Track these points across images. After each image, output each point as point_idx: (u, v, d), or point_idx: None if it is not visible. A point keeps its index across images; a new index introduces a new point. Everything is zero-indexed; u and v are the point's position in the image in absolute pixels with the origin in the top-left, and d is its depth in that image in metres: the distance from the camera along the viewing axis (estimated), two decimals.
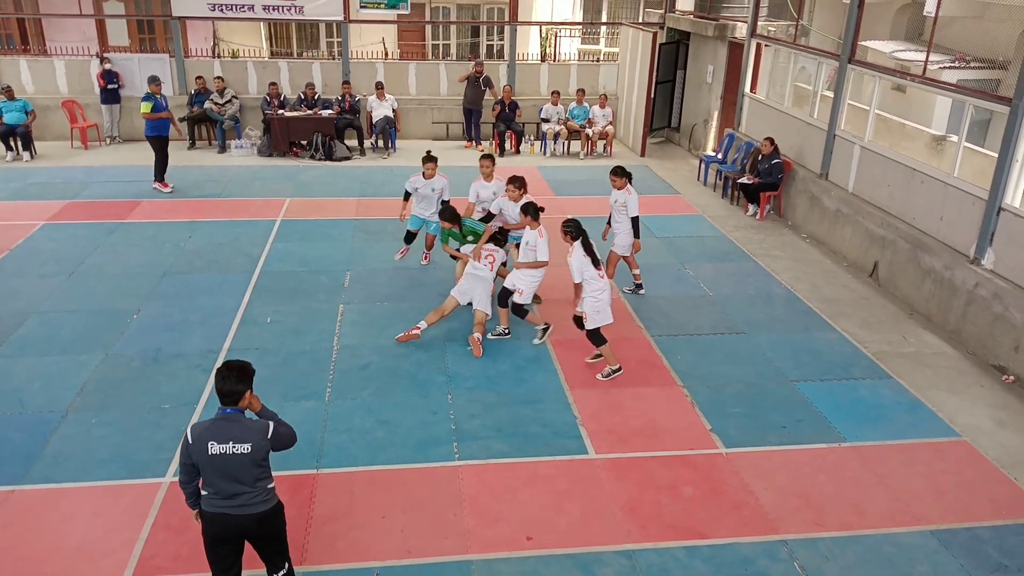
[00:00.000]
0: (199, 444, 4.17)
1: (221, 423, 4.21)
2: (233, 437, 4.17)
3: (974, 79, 12.09)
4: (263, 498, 4.32)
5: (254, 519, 4.31)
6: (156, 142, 12.80)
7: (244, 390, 4.26)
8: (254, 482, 4.26)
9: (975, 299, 8.42)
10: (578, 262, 7.36)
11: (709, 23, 15.45)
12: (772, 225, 12.33)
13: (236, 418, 4.25)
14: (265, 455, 4.27)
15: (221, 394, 4.23)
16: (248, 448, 4.18)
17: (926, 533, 5.69)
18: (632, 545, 5.48)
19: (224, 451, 4.15)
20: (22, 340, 8.03)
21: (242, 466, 4.18)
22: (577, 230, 7.40)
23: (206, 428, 4.21)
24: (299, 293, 9.30)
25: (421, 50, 22.73)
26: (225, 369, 4.26)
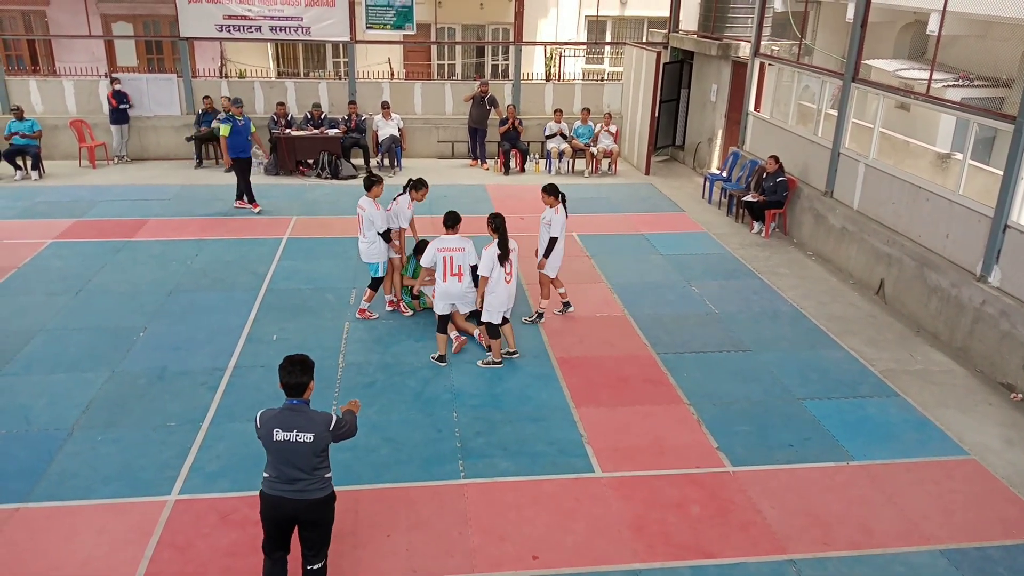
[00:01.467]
0: (265, 429, 4.47)
1: (288, 413, 4.48)
2: (298, 426, 4.44)
3: (978, 97, 12.13)
4: (320, 486, 4.57)
5: (308, 505, 4.55)
6: (236, 164, 12.88)
7: (308, 381, 4.54)
8: (312, 470, 4.51)
9: (982, 317, 8.40)
10: (491, 258, 7.69)
11: (713, 43, 15.53)
12: (777, 243, 12.33)
13: (301, 409, 4.51)
14: (326, 446, 4.54)
15: (287, 387, 4.50)
16: (311, 438, 4.44)
17: (935, 553, 5.64)
18: (639, 564, 5.44)
19: (288, 439, 4.43)
20: (29, 358, 8.05)
21: (304, 454, 4.45)
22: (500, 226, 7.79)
23: (274, 416, 4.49)
24: (305, 311, 9.31)
25: (427, 70, 22.87)
26: (288, 364, 4.51)
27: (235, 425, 6.93)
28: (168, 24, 18.46)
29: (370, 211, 8.69)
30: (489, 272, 7.74)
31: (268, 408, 4.60)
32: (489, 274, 7.74)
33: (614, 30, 24.16)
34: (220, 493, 6.04)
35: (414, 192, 9.03)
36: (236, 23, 16.06)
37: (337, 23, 16.36)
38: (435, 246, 7.91)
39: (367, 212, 8.72)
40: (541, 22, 23.19)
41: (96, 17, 19.37)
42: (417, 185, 9.05)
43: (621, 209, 13.84)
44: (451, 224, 7.96)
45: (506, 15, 21.55)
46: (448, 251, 7.85)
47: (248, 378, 7.76)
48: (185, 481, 6.18)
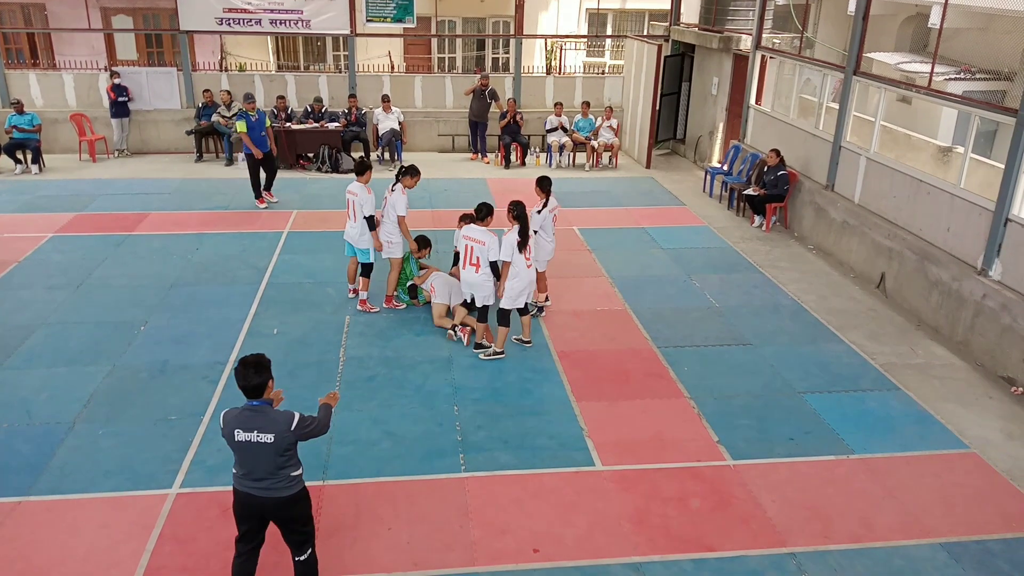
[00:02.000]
0: (228, 430, 4.46)
1: (248, 413, 4.45)
2: (258, 427, 4.40)
3: (980, 90, 12.10)
4: (286, 484, 4.55)
5: (276, 503, 4.56)
6: (251, 159, 12.85)
7: (264, 381, 4.45)
8: (277, 470, 4.49)
9: (983, 310, 8.39)
10: (511, 244, 7.77)
11: (714, 36, 15.50)
12: (778, 236, 12.32)
13: (262, 409, 4.46)
14: (289, 446, 4.48)
15: (244, 390, 4.45)
16: (271, 438, 4.40)
17: (936, 546, 5.65)
18: (639, 558, 5.45)
19: (249, 439, 4.41)
20: (30, 352, 8.05)
21: (266, 455, 4.43)
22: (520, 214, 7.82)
23: (235, 416, 4.47)
24: (306, 304, 9.31)
25: (427, 63, 22.82)
26: (241, 367, 4.43)
27: None
28: (168, 17, 18.42)
29: (361, 196, 8.78)
30: (511, 257, 7.81)
31: (232, 407, 4.56)
32: (511, 259, 7.81)
33: (615, 23, 24.10)
34: (221, 486, 6.04)
35: (408, 179, 8.93)
36: (236, 16, 16.02)
37: (337, 16, 16.33)
38: (462, 232, 8.13)
39: (358, 197, 8.80)
40: (542, 15, 23.13)
41: (96, 10, 19.31)
42: (410, 171, 8.95)
43: (622, 203, 13.83)
44: (483, 216, 8.02)
45: (506, 8, 21.50)
46: (471, 240, 7.97)
47: None
48: (186, 474, 6.19)
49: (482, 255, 7.92)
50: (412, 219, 11.28)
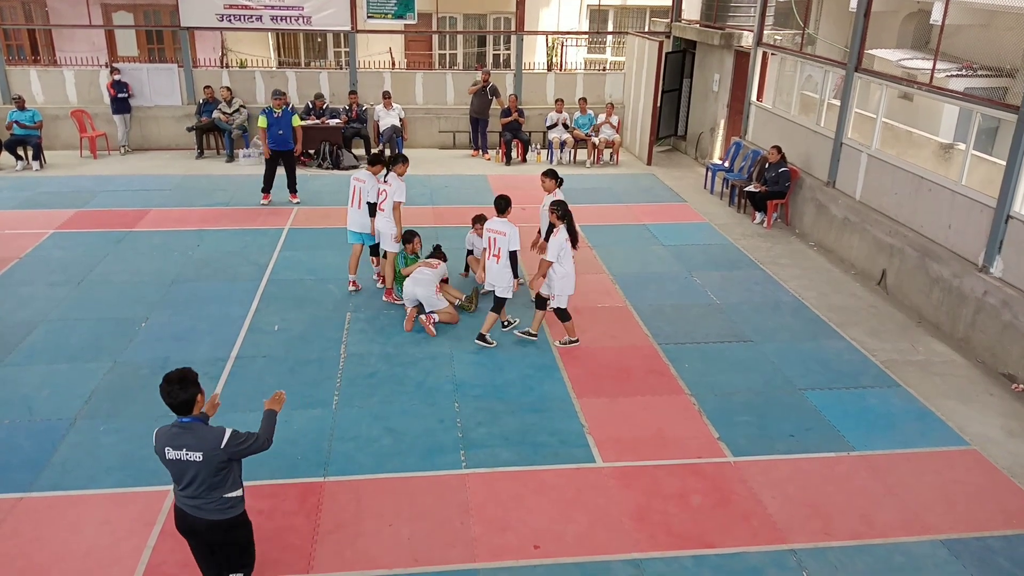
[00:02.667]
0: (158, 447, 4.28)
1: (177, 431, 4.25)
2: (187, 445, 4.20)
3: (981, 87, 12.07)
4: (219, 507, 4.34)
5: (208, 525, 4.36)
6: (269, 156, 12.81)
7: (192, 397, 4.24)
8: (209, 490, 4.28)
9: (984, 307, 8.39)
10: (559, 244, 7.86)
11: (715, 32, 15.47)
12: (779, 233, 12.31)
13: (191, 426, 4.26)
14: (221, 465, 4.25)
15: (173, 408, 4.25)
16: (200, 457, 4.20)
17: (936, 543, 5.65)
18: (640, 554, 5.46)
19: (178, 457, 4.22)
20: (31, 348, 8.06)
21: (196, 473, 4.23)
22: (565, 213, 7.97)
23: (165, 433, 4.28)
24: (306, 301, 9.32)
25: (428, 60, 22.80)
26: (166, 383, 4.23)
27: (237, 415, 6.93)
28: (169, 13, 18.40)
29: (369, 184, 9.17)
30: (556, 258, 7.86)
31: (164, 424, 4.36)
32: (556, 259, 7.86)
33: (616, 19, 24.08)
34: None
35: (400, 167, 9.12)
36: (237, 12, 15.99)
37: (338, 12, 16.30)
38: (486, 225, 8.44)
39: (365, 184, 9.19)
40: (543, 11, 23.11)
41: (96, 7, 19.29)
42: (398, 159, 9.18)
43: (623, 199, 13.82)
44: (502, 208, 8.31)
45: (507, 4, 21.46)
46: (494, 232, 8.22)
47: (250, 368, 7.77)
48: None
49: (503, 246, 8.15)
50: (414, 216, 11.30)
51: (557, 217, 7.98)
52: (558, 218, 7.97)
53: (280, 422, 6.76)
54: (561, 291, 8.08)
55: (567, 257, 8.00)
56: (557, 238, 7.89)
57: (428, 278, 8.66)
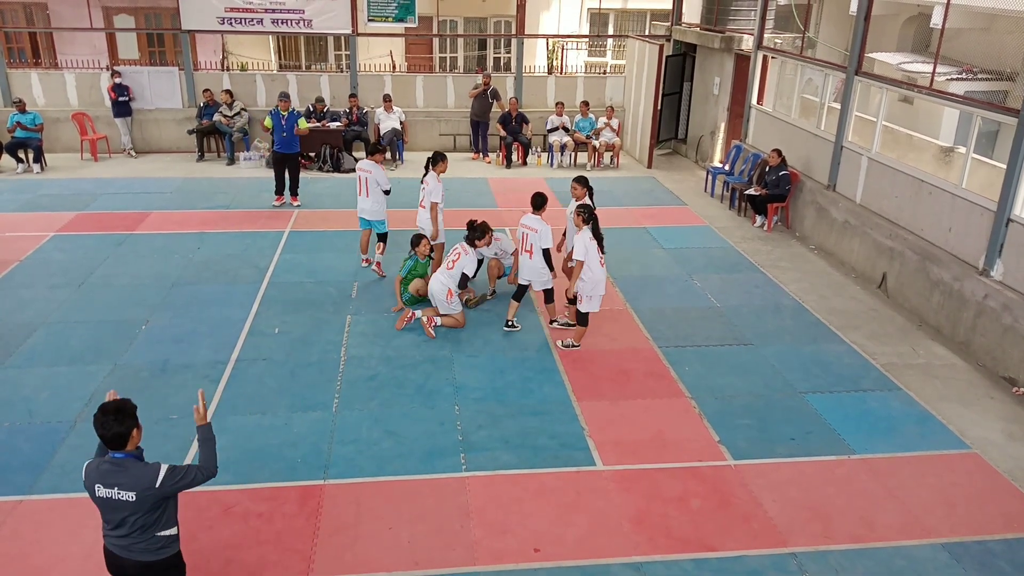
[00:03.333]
0: (88, 484, 3.95)
1: (109, 467, 3.92)
2: (119, 484, 3.89)
3: (982, 91, 12.09)
4: (152, 547, 4.05)
5: (138, 567, 4.06)
6: (274, 156, 12.86)
7: (128, 431, 3.92)
8: (143, 529, 3.99)
9: (984, 311, 8.39)
10: (584, 243, 7.97)
11: (716, 35, 15.49)
12: (779, 236, 12.31)
13: (124, 463, 3.93)
14: (154, 504, 3.97)
15: (105, 440, 3.93)
16: (132, 496, 3.89)
17: (937, 546, 5.64)
18: (640, 557, 5.45)
19: (109, 496, 3.90)
20: (31, 351, 8.06)
21: (128, 513, 3.94)
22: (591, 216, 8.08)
23: (95, 469, 3.95)
24: (307, 304, 9.32)
25: (428, 63, 22.83)
26: (100, 414, 3.90)
27: (237, 418, 6.95)
28: (169, 17, 18.43)
29: (376, 174, 9.83)
30: (584, 256, 7.94)
31: (94, 459, 4.02)
32: (584, 258, 7.94)
33: (616, 23, 24.10)
34: (222, 486, 6.04)
35: (440, 166, 9.71)
36: (238, 16, 16.02)
37: (339, 16, 16.33)
38: (521, 221, 8.61)
39: (373, 174, 9.80)
40: (543, 15, 23.13)
41: (97, 10, 19.33)
42: (438, 159, 9.72)
43: (623, 202, 13.82)
44: (538, 205, 8.56)
45: (508, 8, 21.49)
46: (526, 229, 8.48)
47: (250, 371, 7.77)
48: None
49: (535, 243, 8.38)
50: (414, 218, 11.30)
51: (583, 220, 8.08)
52: (583, 220, 8.07)
53: (280, 425, 6.82)
54: (591, 293, 8.12)
55: (595, 259, 8.03)
56: (581, 237, 7.99)
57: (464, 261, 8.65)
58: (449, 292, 8.62)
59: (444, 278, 8.62)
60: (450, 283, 8.61)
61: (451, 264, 8.69)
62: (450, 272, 8.66)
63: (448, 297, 8.60)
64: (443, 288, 8.59)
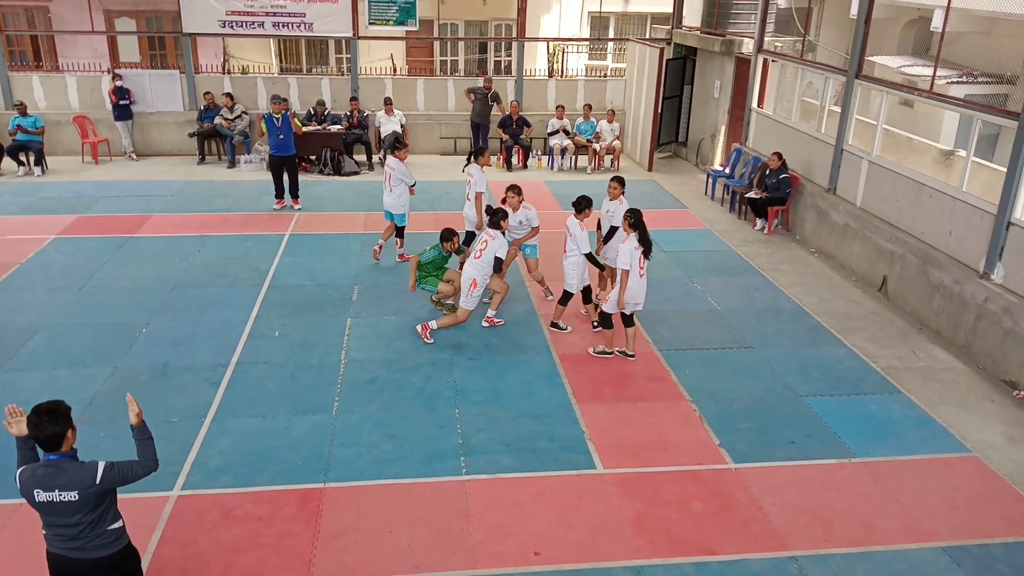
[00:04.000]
0: (26, 491, 3.92)
1: (46, 470, 3.93)
2: (59, 485, 3.89)
3: (982, 94, 12.10)
4: (104, 541, 4.07)
5: (93, 563, 4.07)
6: (272, 160, 12.90)
7: (63, 432, 3.95)
8: (91, 527, 4.01)
9: (985, 314, 8.38)
10: (629, 251, 7.78)
11: (716, 39, 15.51)
12: (780, 239, 12.31)
13: (60, 464, 3.94)
14: (98, 500, 3.99)
15: (39, 442, 3.96)
16: (75, 496, 3.90)
17: (937, 550, 5.64)
18: (640, 561, 5.45)
19: (51, 499, 3.90)
20: (31, 354, 8.06)
21: (73, 513, 3.94)
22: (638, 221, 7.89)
23: (31, 475, 3.93)
24: (307, 307, 9.32)
25: (429, 66, 22.85)
26: (34, 416, 3.93)
27: (237, 421, 6.95)
28: (171, 20, 18.46)
29: (399, 170, 10.38)
30: (628, 265, 7.78)
31: (27, 465, 4.02)
32: (629, 267, 7.78)
33: (617, 26, 24.12)
34: (223, 489, 6.06)
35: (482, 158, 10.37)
36: (239, 19, 16.04)
37: (340, 19, 16.34)
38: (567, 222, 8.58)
39: (396, 171, 10.38)
40: (544, 18, 23.15)
41: (99, 12, 19.37)
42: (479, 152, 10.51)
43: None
44: (580, 208, 8.55)
45: (509, 11, 21.51)
46: (566, 230, 8.49)
47: (250, 374, 7.77)
48: (188, 477, 6.20)
49: (570, 246, 8.43)
50: (415, 222, 11.32)
51: (629, 225, 7.83)
52: (630, 226, 7.83)
53: (280, 429, 6.82)
54: (629, 299, 7.94)
55: (636, 270, 7.86)
56: (627, 245, 7.77)
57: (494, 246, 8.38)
58: (473, 282, 8.34)
59: (472, 268, 8.39)
60: (476, 273, 8.34)
61: (479, 253, 8.41)
62: (478, 261, 8.39)
63: (471, 288, 8.37)
64: (468, 278, 8.40)
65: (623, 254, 7.79)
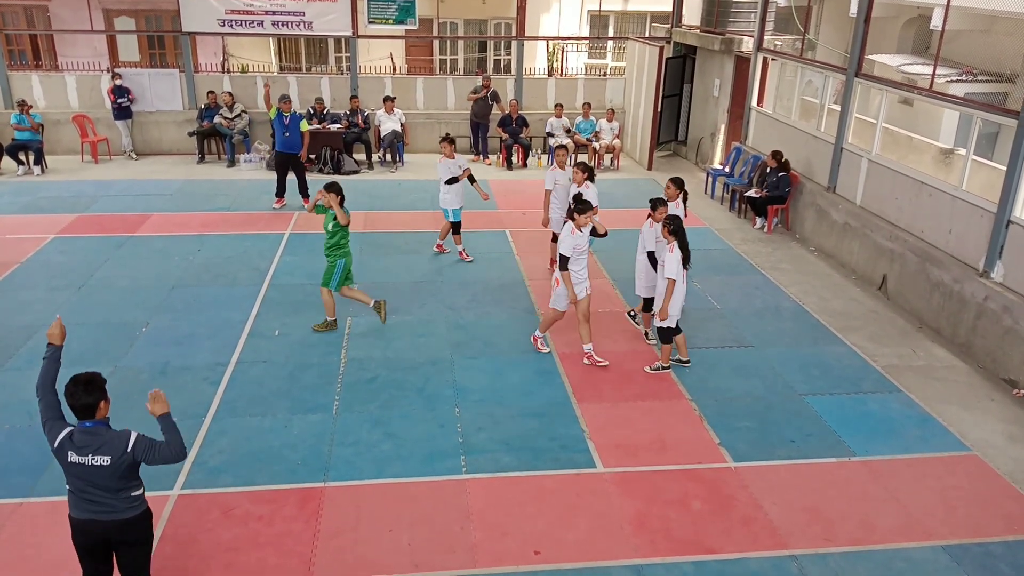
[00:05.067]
0: (59, 452, 4.18)
1: (81, 435, 4.18)
2: (93, 450, 4.15)
3: (982, 92, 12.09)
4: (127, 505, 4.30)
5: (118, 525, 4.31)
6: (277, 158, 12.96)
7: (97, 401, 4.20)
8: (117, 492, 4.24)
9: (985, 312, 8.38)
10: (676, 261, 7.51)
11: (716, 37, 15.50)
12: (780, 238, 12.31)
13: (96, 431, 4.20)
14: (128, 467, 4.22)
15: (74, 409, 4.18)
16: (107, 460, 4.15)
17: (937, 549, 5.64)
18: (640, 560, 5.45)
19: (83, 462, 4.15)
20: (31, 353, 8.06)
21: (103, 477, 4.17)
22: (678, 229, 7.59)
23: (65, 438, 4.18)
24: (307, 306, 9.31)
25: (429, 65, 22.83)
26: (72, 384, 4.18)
27: (237, 420, 6.95)
28: (170, 19, 18.43)
29: (440, 166, 10.61)
30: (676, 275, 7.48)
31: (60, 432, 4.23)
32: (676, 277, 7.47)
33: (617, 25, 24.10)
34: (222, 488, 6.06)
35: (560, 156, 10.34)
36: (238, 18, 16.03)
37: (339, 18, 16.33)
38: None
39: (440, 164, 10.61)
40: (543, 17, 23.13)
41: (98, 12, 19.34)
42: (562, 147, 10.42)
43: (623, 204, 13.81)
44: (655, 207, 8.31)
45: (508, 10, 21.50)
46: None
47: (250, 373, 7.77)
48: (187, 476, 6.20)
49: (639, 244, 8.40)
50: (417, 220, 11.34)
51: (669, 232, 7.52)
52: (670, 232, 7.52)
53: (280, 428, 6.83)
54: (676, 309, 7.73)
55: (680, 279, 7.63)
56: (675, 254, 7.45)
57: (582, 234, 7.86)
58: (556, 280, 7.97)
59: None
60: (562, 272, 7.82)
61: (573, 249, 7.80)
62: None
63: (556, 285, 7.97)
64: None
65: (671, 263, 7.47)
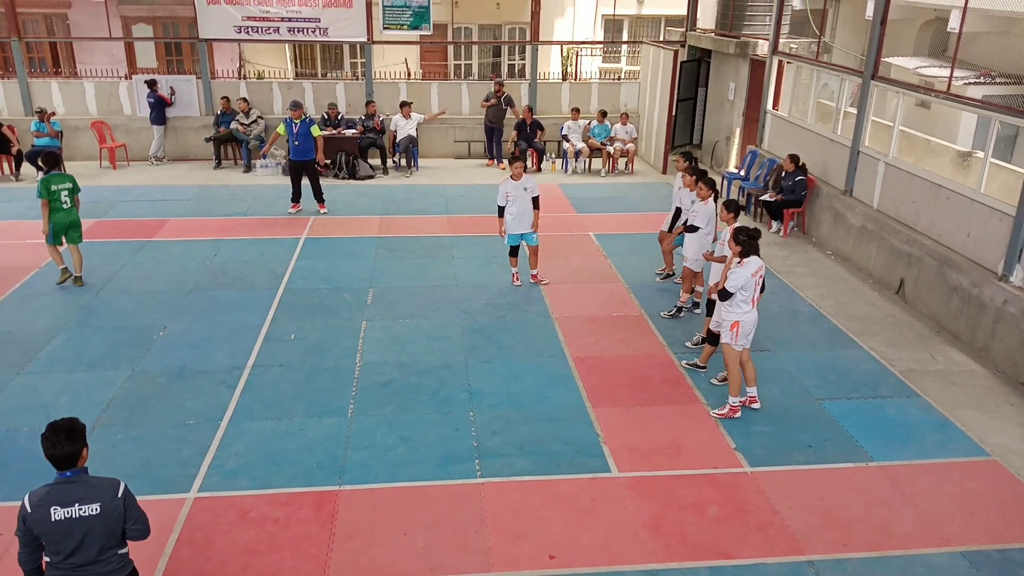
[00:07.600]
0: (40, 512, 3.73)
1: (63, 486, 3.79)
2: (78, 499, 3.75)
3: (1000, 94, 11.99)
4: (114, 566, 3.94)
5: None
6: (291, 164, 13.05)
7: (80, 449, 3.84)
8: (103, 551, 3.85)
9: (1004, 316, 8.30)
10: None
11: (730, 41, 15.46)
12: (796, 242, 12.25)
13: (79, 478, 3.83)
14: (116, 519, 3.86)
15: (54, 460, 3.82)
16: (98, 508, 3.78)
17: (956, 555, 5.58)
18: (656, 565, 5.43)
19: (70, 515, 3.72)
20: (50, 357, 8.14)
21: (92, 530, 3.78)
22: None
23: (46, 494, 3.77)
24: (322, 310, 9.36)
25: (443, 70, 22.93)
26: (51, 433, 3.81)
27: (254, 423, 6.98)
28: (187, 26, 18.63)
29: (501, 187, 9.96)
30: (736, 288, 7.03)
31: (36, 489, 3.87)
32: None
33: (631, 29, 24.11)
34: (239, 491, 6.09)
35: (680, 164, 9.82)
36: (254, 24, 16.16)
37: (354, 24, 16.43)
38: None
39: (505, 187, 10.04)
40: (558, 21, 23.18)
41: (116, 19, 19.58)
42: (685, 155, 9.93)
43: (638, 208, 13.80)
44: (731, 209, 8.17)
45: (522, 15, 21.54)
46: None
47: (266, 376, 7.81)
48: (204, 479, 6.23)
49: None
50: (429, 225, 11.35)
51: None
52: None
53: (296, 431, 6.88)
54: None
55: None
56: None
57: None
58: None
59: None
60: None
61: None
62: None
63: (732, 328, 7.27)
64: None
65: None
